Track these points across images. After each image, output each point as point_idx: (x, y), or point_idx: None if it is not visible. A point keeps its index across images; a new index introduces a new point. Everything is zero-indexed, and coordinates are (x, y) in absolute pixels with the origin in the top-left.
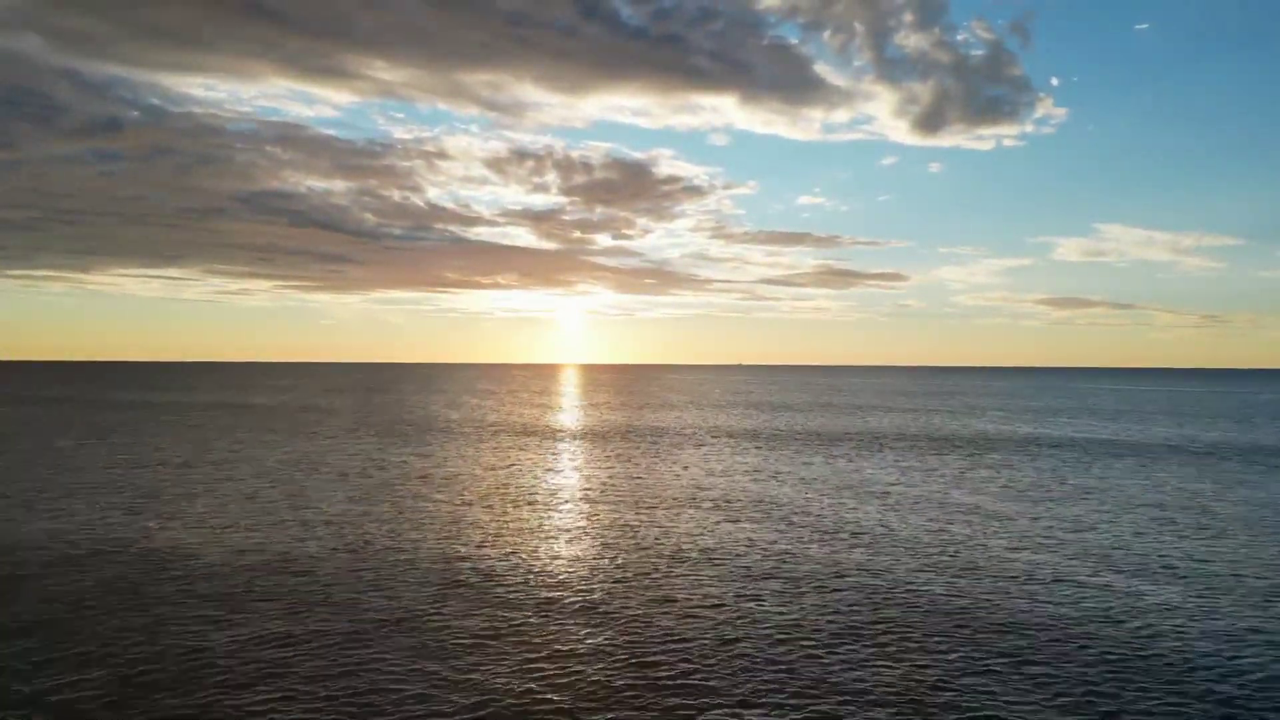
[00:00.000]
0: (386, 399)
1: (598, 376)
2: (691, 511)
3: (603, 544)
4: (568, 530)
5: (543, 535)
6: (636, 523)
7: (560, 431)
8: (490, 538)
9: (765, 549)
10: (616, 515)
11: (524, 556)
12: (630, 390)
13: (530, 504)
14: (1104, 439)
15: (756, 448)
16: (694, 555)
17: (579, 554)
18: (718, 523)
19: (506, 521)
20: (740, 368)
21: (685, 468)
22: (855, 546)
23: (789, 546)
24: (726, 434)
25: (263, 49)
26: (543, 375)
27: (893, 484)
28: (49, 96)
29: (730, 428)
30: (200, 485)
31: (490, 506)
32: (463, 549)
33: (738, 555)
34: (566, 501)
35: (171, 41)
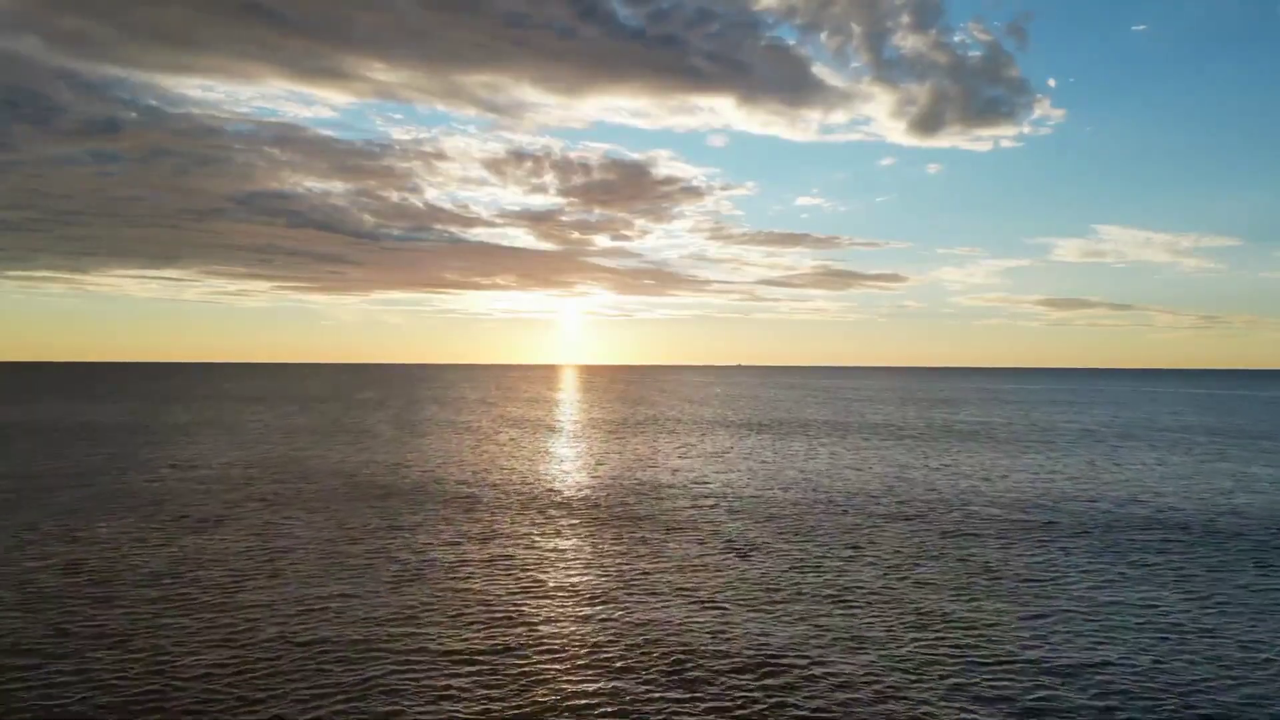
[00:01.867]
0: (311, 417)
1: (594, 378)
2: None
3: None
4: None
5: None
6: None
7: (499, 483)
8: None
9: None
10: None
11: None
12: (624, 397)
13: None
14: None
15: (796, 513)
16: None
17: None
18: None
19: None
20: (740, 368)
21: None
22: None
23: None
24: (745, 473)
25: (261, 50)
26: (537, 377)
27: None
28: (47, 97)
29: (750, 467)
30: None
31: None
32: None
33: None
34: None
35: (169, 43)
